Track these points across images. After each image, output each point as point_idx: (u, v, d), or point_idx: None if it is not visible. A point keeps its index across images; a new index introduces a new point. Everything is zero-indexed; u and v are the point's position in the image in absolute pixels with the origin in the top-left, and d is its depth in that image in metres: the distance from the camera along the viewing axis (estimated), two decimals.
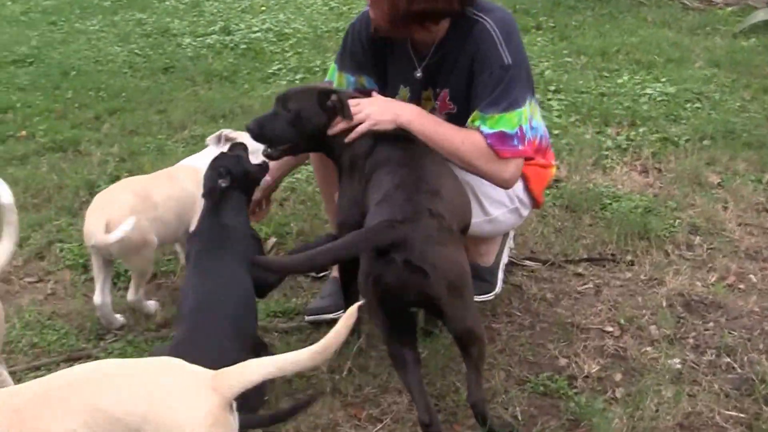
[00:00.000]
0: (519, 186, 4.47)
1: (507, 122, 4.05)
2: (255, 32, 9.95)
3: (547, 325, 4.62)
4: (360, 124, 4.01)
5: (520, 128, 4.08)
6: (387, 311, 3.61)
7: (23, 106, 7.82)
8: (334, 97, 4.05)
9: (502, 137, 4.05)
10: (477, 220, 4.26)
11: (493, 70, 4.05)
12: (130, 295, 4.67)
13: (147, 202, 4.57)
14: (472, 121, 4.09)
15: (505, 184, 4.24)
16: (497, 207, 4.50)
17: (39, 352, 4.53)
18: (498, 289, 4.81)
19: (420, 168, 3.85)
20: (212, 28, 10.19)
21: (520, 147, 4.11)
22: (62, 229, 5.66)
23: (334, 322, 2.78)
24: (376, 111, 4.02)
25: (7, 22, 11.14)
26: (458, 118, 4.21)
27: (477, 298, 4.23)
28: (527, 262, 5.17)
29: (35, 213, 5.86)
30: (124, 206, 4.44)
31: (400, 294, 3.51)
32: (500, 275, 4.85)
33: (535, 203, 4.68)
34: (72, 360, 4.41)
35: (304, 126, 4.10)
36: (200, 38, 9.85)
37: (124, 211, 4.38)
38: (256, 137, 4.19)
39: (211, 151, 4.82)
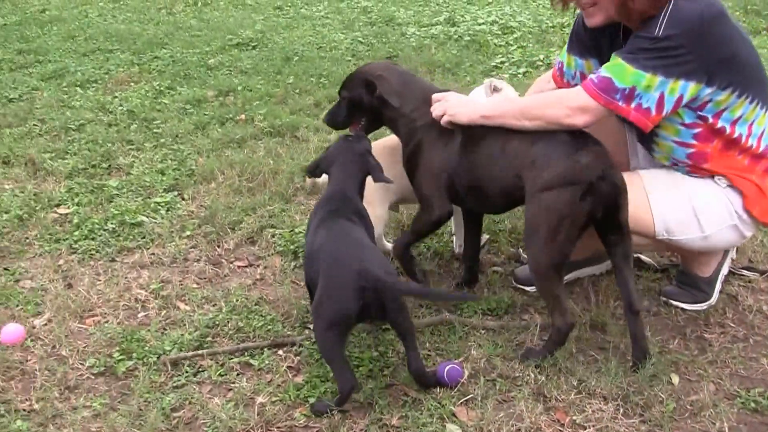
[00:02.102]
0: (738, 202, 4.21)
1: (620, 73, 3.96)
2: (480, 24, 9.75)
3: (761, 338, 4.36)
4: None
5: (633, 89, 3.94)
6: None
7: (244, 90, 7.84)
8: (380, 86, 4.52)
9: (607, 83, 3.98)
10: (692, 236, 4.24)
11: (639, 34, 3.99)
12: None
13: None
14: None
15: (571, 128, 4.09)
16: (714, 224, 4.26)
17: (244, 336, 4.45)
18: (713, 300, 4.62)
19: None
20: (437, 19, 10.04)
21: (621, 104, 3.97)
22: (275, 214, 5.59)
23: None
24: (454, 106, 4.31)
25: (234, 6, 11.30)
26: None
27: (689, 307, 4.58)
28: (744, 272, 4.90)
29: (249, 197, 5.81)
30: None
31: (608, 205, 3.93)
32: (717, 286, 4.64)
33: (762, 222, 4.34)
34: (276, 346, 4.34)
35: (361, 108, 4.62)
36: (424, 28, 9.72)
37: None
38: (332, 126, 4.81)
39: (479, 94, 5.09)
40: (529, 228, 4.03)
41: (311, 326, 4.43)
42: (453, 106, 4.30)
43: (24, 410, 4.01)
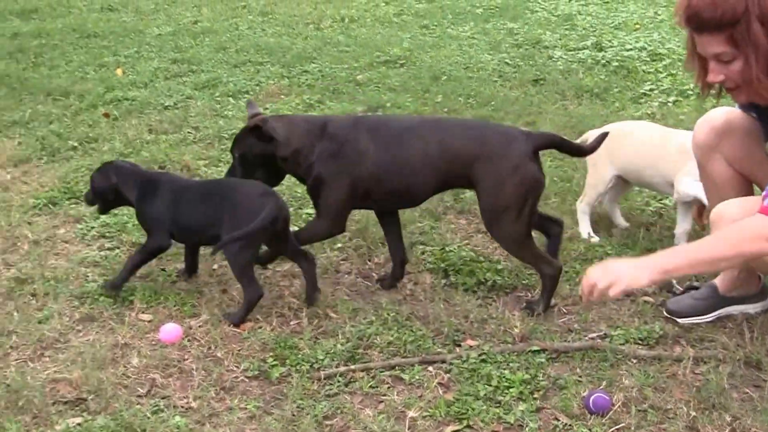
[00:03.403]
0: None
1: None
2: (628, 50, 9.69)
3: None
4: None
5: None
6: None
7: (393, 106, 7.93)
8: (264, 126, 4.77)
9: None
10: None
11: None
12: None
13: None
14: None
15: None
16: None
17: (394, 350, 4.51)
18: None
19: None
20: (584, 43, 10.01)
21: None
22: (425, 231, 5.66)
23: None
24: (626, 272, 3.76)
25: (380, 23, 11.42)
26: None
27: None
28: None
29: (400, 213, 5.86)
30: None
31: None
32: None
33: None
34: (426, 363, 4.39)
35: (255, 161, 4.91)
36: (571, 52, 9.70)
37: None
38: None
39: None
40: (496, 210, 4.71)
41: (462, 344, 4.49)
42: (619, 275, 3.78)
43: (182, 407, 4.15)
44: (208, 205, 4.87)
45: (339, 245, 5.56)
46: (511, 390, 4.13)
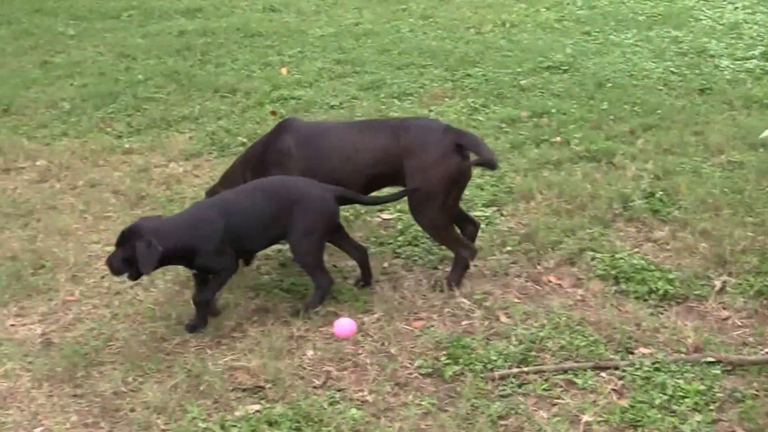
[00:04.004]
0: None
1: None
2: None
3: None
4: None
5: None
6: None
7: (558, 113, 7.92)
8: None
9: None
10: None
11: None
12: None
13: None
14: None
15: None
16: None
17: (566, 355, 4.55)
18: None
19: None
20: (752, 52, 9.79)
21: None
22: (594, 238, 5.66)
23: None
24: None
25: (542, 29, 11.37)
26: None
27: None
28: None
29: (568, 219, 5.89)
30: None
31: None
32: None
33: None
34: (599, 368, 4.41)
35: None
36: (739, 62, 9.50)
37: None
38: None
39: None
40: (422, 198, 5.08)
41: (634, 352, 4.49)
42: None
43: (358, 400, 4.27)
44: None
45: (508, 248, 5.59)
46: (686, 400, 4.12)
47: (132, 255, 4.67)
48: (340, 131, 5.45)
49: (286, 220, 4.95)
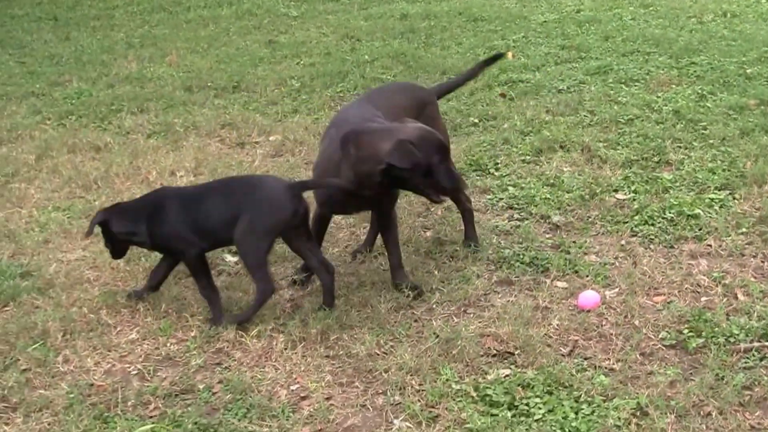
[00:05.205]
0: None
1: None
2: None
3: None
4: None
5: None
6: None
7: None
8: None
9: None
10: None
11: None
12: None
13: None
14: None
15: None
16: None
17: None
18: None
19: None
20: None
21: None
22: None
23: None
24: None
25: (763, 20, 11.31)
26: None
27: None
28: None
29: None
30: None
31: None
32: None
33: None
34: None
35: None
36: None
37: None
38: None
39: None
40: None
41: None
42: None
43: (605, 368, 4.50)
44: None
45: (743, 230, 5.73)
46: None
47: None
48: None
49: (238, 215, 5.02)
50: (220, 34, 12.42)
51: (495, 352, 4.70)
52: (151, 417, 4.37)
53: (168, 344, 4.95)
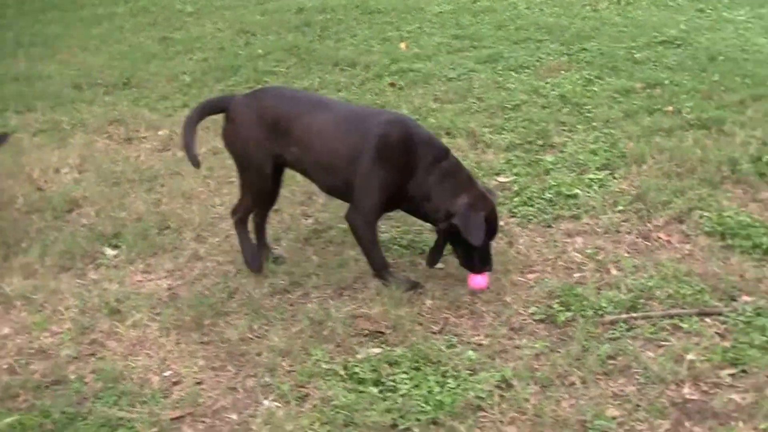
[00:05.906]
0: None
1: None
2: None
3: None
4: None
5: None
6: None
7: (671, 84, 8.06)
8: None
9: None
10: None
11: None
12: None
13: None
14: None
15: None
16: None
17: (673, 303, 4.77)
18: None
19: None
20: None
21: None
22: (703, 198, 5.84)
23: None
24: None
25: (656, 6, 11.47)
26: None
27: None
28: None
29: (678, 181, 6.08)
30: None
31: None
32: None
33: None
34: (704, 314, 4.64)
35: None
36: None
37: None
38: None
39: None
40: None
41: (737, 299, 4.70)
42: None
43: (474, 343, 4.56)
44: None
45: (620, 208, 5.82)
46: None
47: None
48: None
49: None
50: (113, 31, 12.32)
51: (366, 332, 4.74)
52: (19, 409, 4.32)
53: (41, 338, 4.91)
